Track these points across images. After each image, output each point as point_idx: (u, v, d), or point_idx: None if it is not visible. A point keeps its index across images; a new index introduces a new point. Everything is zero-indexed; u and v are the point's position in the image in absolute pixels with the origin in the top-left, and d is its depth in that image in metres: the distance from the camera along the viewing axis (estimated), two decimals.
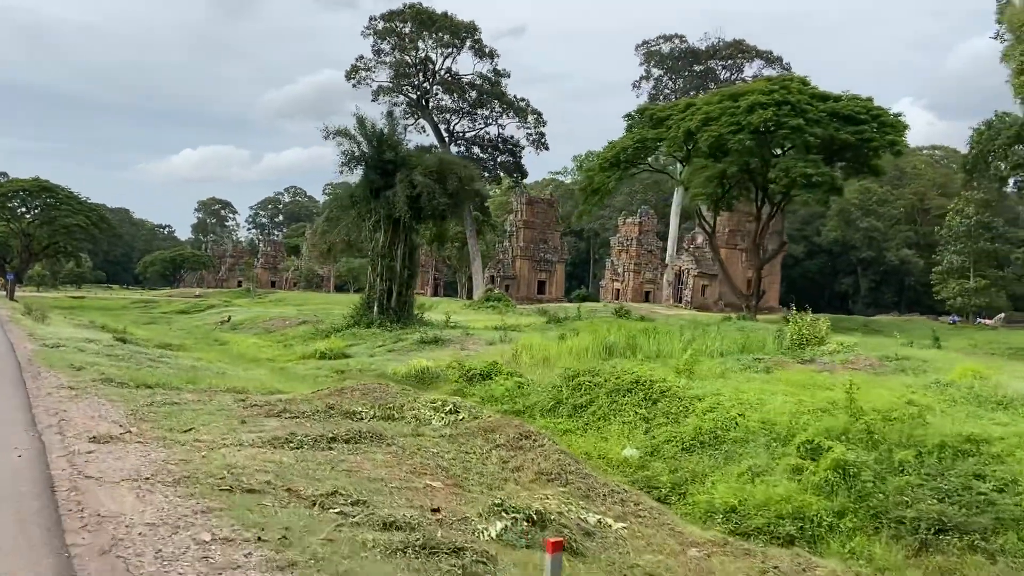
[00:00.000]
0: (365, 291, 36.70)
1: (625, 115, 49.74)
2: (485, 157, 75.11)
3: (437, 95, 73.96)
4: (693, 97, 54.40)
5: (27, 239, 67.29)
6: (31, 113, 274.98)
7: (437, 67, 72.46)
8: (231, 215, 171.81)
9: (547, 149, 75.90)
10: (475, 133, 75.76)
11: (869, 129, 40.70)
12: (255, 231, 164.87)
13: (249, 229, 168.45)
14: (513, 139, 75.53)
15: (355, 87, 72.34)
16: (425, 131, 73.58)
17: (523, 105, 74.38)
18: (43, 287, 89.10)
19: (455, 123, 75.09)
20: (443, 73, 72.82)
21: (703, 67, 79.45)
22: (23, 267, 69.91)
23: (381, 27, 70.40)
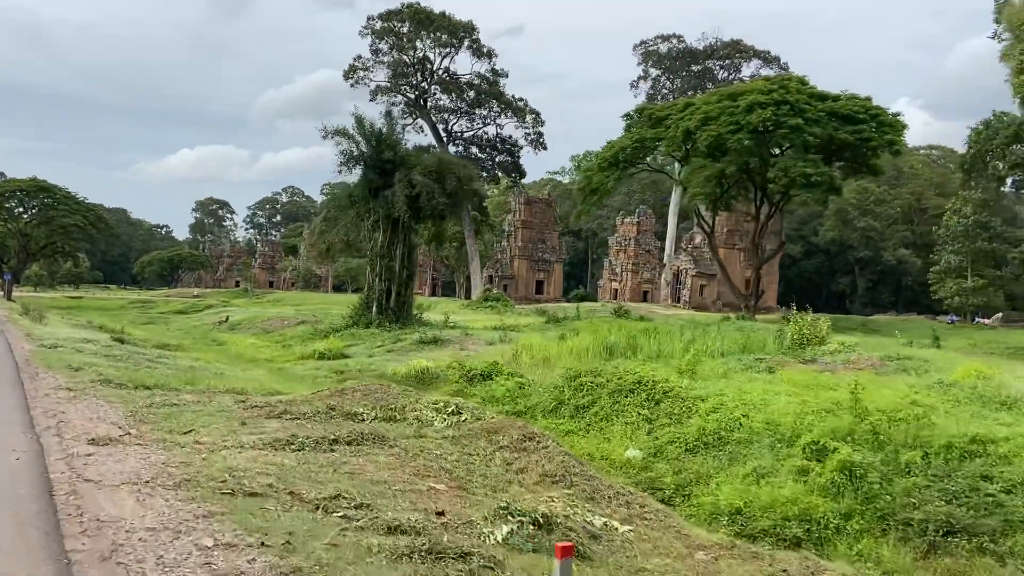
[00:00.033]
0: (364, 291, 36.61)
1: (624, 115, 49.72)
2: (483, 157, 74.98)
3: (435, 95, 73.85)
4: (691, 97, 54.31)
5: (24, 239, 67.15)
6: (29, 113, 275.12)
7: (435, 67, 72.35)
8: (229, 215, 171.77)
9: (545, 149, 75.86)
10: (473, 133, 75.67)
11: (868, 129, 40.64)
12: (253, 231, 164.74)
13: (247, 229, 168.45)
14: (511, 139, 75.47)
15: (353, 87, 72.26)
16: (423, 131, 73.52)
17: (521, 105, 74.26)
18: (40, 287, 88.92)
19: (453, 123, 74.99)
20: (441, 73, 72.70)
21: (701, 67, 79.41)
22: (20, 267, 69.75)
23: (379, 27, 70.27)
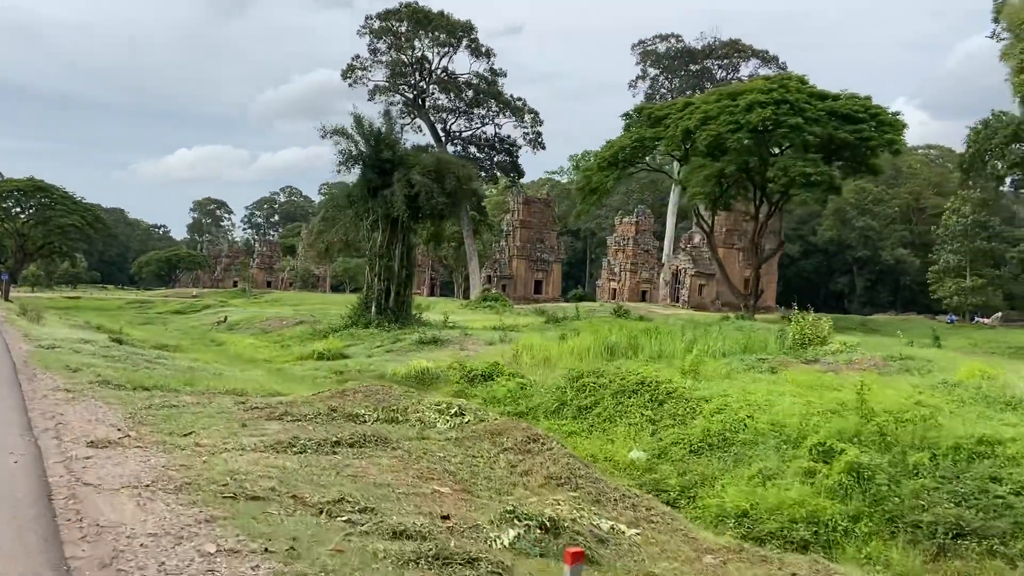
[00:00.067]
0: (363, 291, 36.50)
1: (623, 114, 49.64)
2: (482, 156, 74.87)
3: (433, 94, 73.72)
4: (690, 97, 54.24)
5: (22, 239, 67.00)
6: (27, 113, 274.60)
7: (433, 66, 72.22)
8: (226, 215, 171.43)
9: (544, 148, 75.73)
10: (472, 132, 75.56)
11: (868, 128, 40.58)
12: (251, 231, 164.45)
13: (245, 229, 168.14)
14: (510, 138, 75.35)
15: (351, 86, 72.10)
16: (421, 130, 73.37)
17: (520, 104, 74.14)
18: (38, 287, 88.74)
19: (452, 122, 74.87)
20: (439, 72, 72.58)
21: (699, 67, 79.36)
22: (18, 267, 69.59)
23: (377, 26, 70.15)
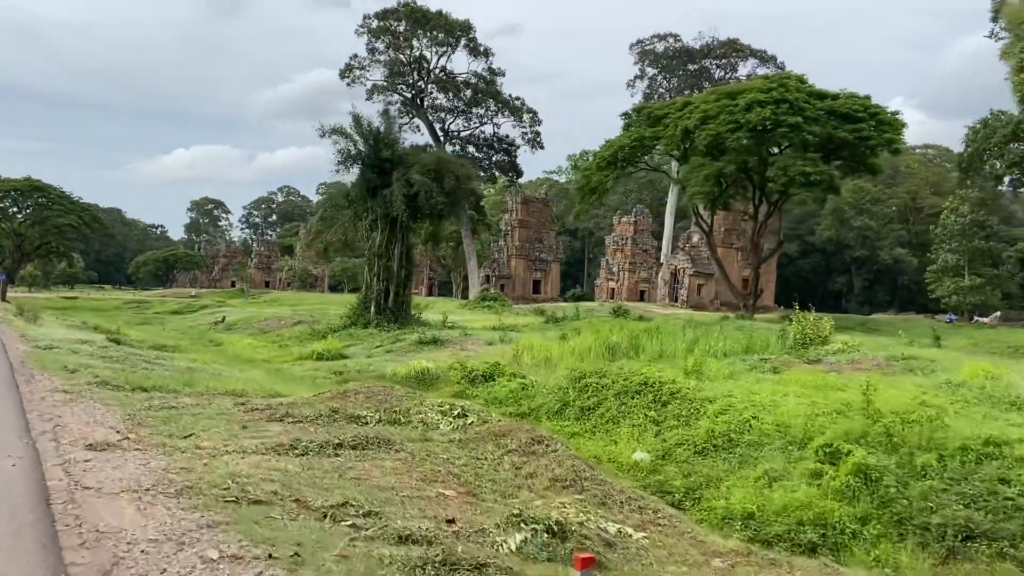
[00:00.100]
0: (362, 291, 36.37)
1: (622, 114, 49.56)
2: (480, 156, 74.77)
3: (432, 94, 73.61)
4: (688, 96, 54.17)
5: (19, 239, 66.84)
6: (24, 112, 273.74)
7: (432, 66, 72.12)
8: (224, 215, 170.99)
9: (542, 148, 75.61)
10: (470, 132, 75.46)
11: (867, 127, 40.49)
12: (248, 231, 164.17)
13: (242, 229, 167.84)
14: (508, 138, 75.24)
15: (349, 86, 71.99)
16: (420, 130, 73.26)
17: (518, 104, 74.04)
18: (35, 287, 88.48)
19: (450, 122, 74.76)
20: (438, 72, 72.46)
21: (697, 66, 79.33)
22: (15, 267, 69.41)
23: (375, 25, 70.04)
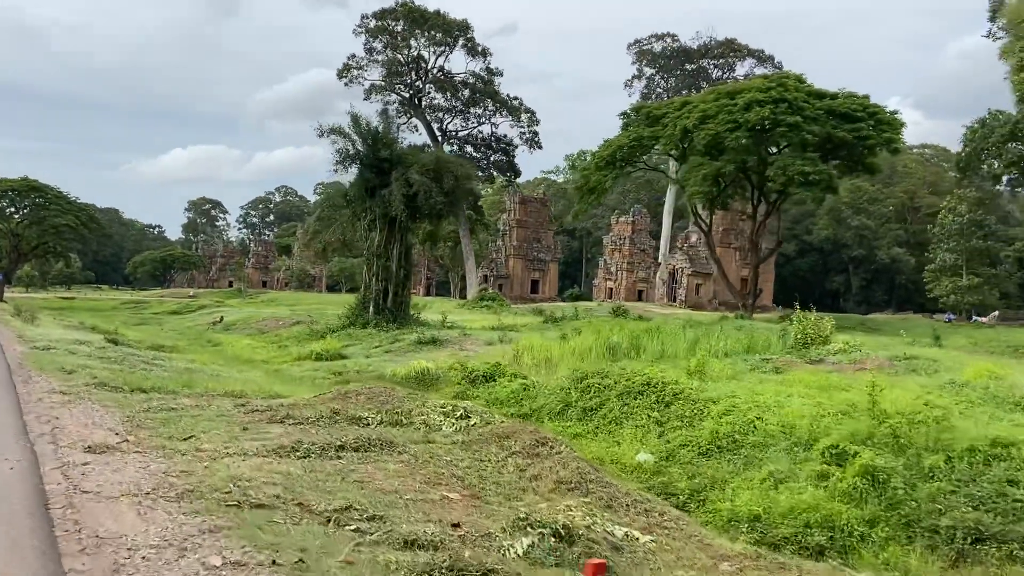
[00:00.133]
0: (360, 291, 36.26)
1: (621, 113, 49.45)
2: (478, 156, 74.67)
3: (430, 94, 73.52)
4: (687, 96, 54.09)
5: (16, 239, 66.62)
6: (20, 112, 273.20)
7: (429, 65, 72.02)
8: (221, 215, 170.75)
9: (540, 148, 75.50)
10: (468, 132, 75.37)
11: (866, 127, 40.45)
12: (246, 231, 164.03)
13: (240, 229, 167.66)
14: (506, 138, 75.14)
15: (347, 86, 71.89)
16: (418, 130, 73.16)
17: (516, 104, 73.96)
18: (32, 288, 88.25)
19: (448, 122, 74.66)
20: (436, 71, 72.37)
21: (695, 66, 79.33)
22: (12, 267, 69.20)
23: (373, 25, 69.94)
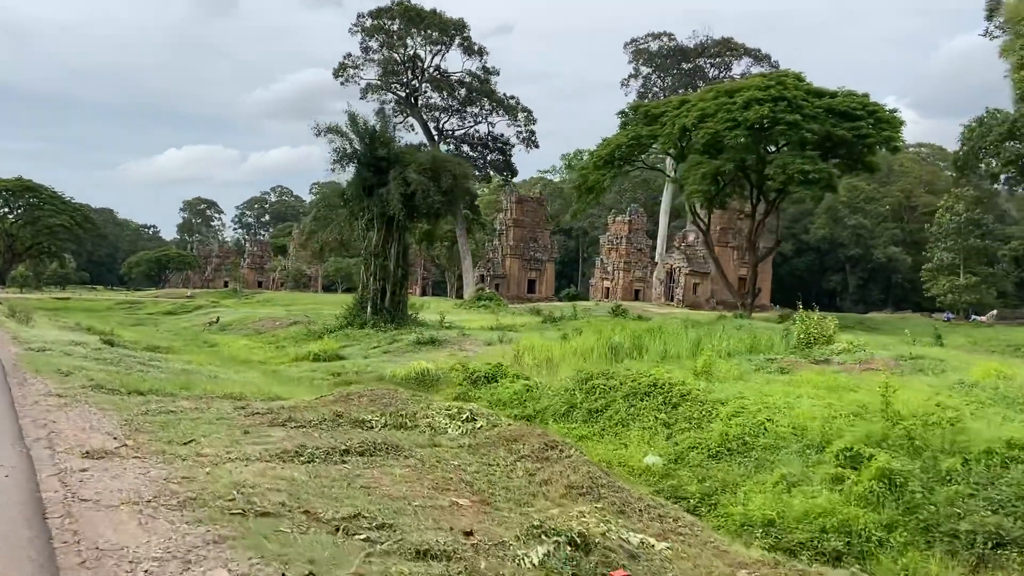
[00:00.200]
0: (358, 291, 36.05)
1: (619, 112, 49.32)
2: (475, 155, 74.55)
3: (426, 93, 73.38)
4: (685, 94, 53.96)
5: (10, 239, 66.39)
6: (15, 113, 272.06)
7: (426, 65, 71.87)
8: (217, 215, 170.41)
9: (537, 147, 75.46)
10: (464, 131, 75.27)
11: (865, 125, 40.37)
12: (241, 231, 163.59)
13: (235, 229, 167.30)
14: (503, 137, 75.02)
15: (343, 85, 71.77)
16: (414, 129, 73.04)
17: (513, 103, 73.85)
18: (26, 288, 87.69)
19: (444, 121, 74.54)
20: (432, 71, 72.20)
21: (691, 65, 79.28)
22: (6, 268, 68.91)
23: (369, 24, 69.77)
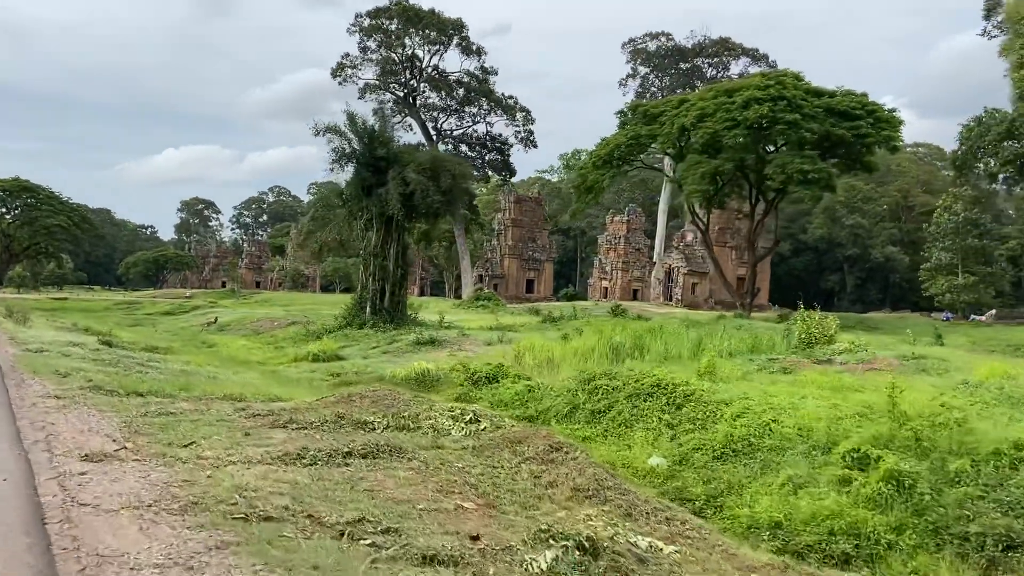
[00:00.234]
0: (357, 291, 35.95)
1: (618, 112, 49.33)
2: (473, 155, 74.38)
3: (424, 93, 73.21)
4: (683, 94, 53.89)
5: (7, 240, 66.23)
6: (11, 112, 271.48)
7: (424, 64, 71.71)
8: (214, 215, 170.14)
9: (536, 147, 75.31)
10: (463, 131, 75.10)
11: (864, 125, 40.36)
12: (239, 231, 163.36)
13: (233, 229, 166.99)
14: (501, 137, 74.89)
15: (341, 85, 71.59)
16: (412, 129, 72.89)
17: (511, 103, 73.71)
18: (23, 289, 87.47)
19: (442, 121, 74.35)
20: (430, 70, 72.05)
21: (689, 65, 79.12)
22: (3, 268, 68.73)
23: (367, 24, 69.60)
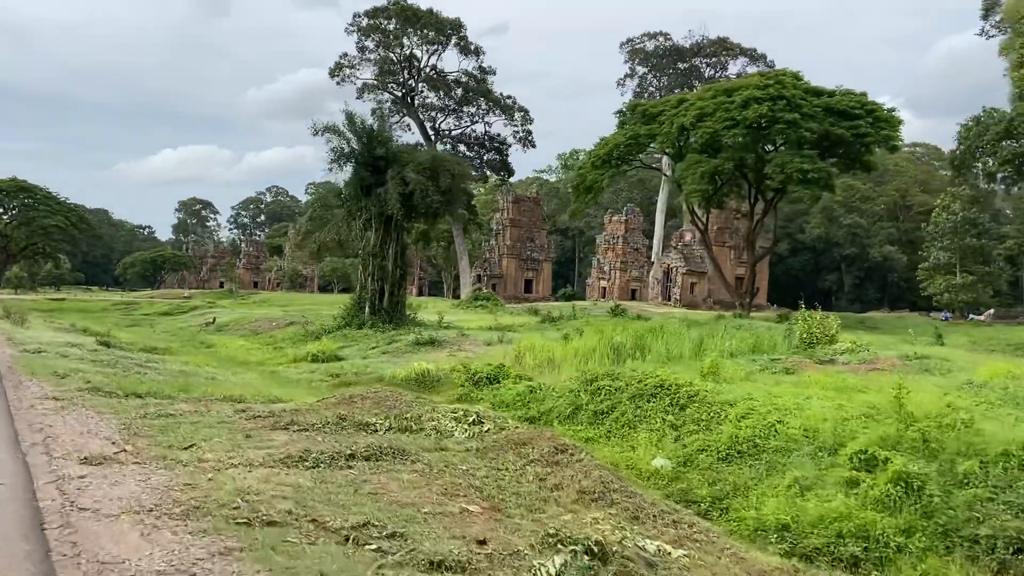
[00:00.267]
0: (355, 291, 35.83)
1: (617, 111, 49.22)
2: (471, 155, 74.24)
3: (422, 92, 73.07)
4: (682, 94, 53.83)
5: (4, 240, 66.02)
6: (14, 113, 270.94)
7: (422, 64, 71.56)
8: (212, 215, 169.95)
9: (534, 147, 75.23)
10: (461, 131, 74.95)
11: (864, 124, 40.30)
12: (237, 231, 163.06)
13: (231, 229, 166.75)
14: (499, 137, 74.78)
15: (339, 84, 71.40)
16: (410, 129, 72.72)
17: (509, 103, 73.58)
18: (21, 289, 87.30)
19: (441, 121, 74.21)
20: (428, 70, 71.92)
21: (687, 65, 79.12)
22: (1, 269, 68.48)
23: (365, 24, 69.45)
